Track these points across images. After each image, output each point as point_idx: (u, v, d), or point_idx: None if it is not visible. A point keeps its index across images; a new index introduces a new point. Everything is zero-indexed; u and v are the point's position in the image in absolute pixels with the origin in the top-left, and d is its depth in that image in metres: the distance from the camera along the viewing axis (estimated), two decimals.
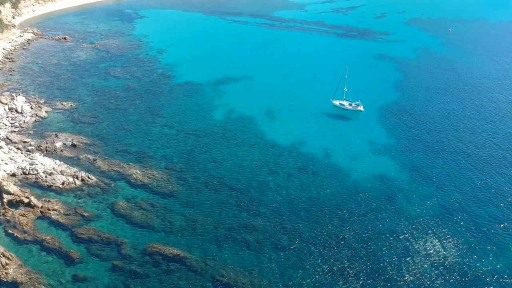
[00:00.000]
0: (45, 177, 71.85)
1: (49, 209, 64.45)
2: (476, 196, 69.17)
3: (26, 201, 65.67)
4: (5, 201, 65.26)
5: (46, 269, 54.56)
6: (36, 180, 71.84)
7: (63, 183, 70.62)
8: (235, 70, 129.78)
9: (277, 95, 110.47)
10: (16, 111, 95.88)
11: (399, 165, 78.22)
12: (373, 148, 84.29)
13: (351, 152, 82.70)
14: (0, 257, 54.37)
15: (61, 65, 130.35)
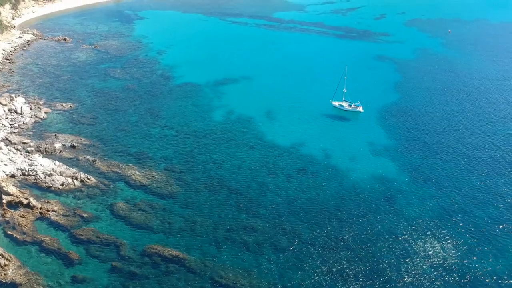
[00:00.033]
0: (45, 178, 71.85)
1: (48, 210, 64.42)
2: (475, 197, 69.17)
3: (25, 202, 65.65)
4: (4, 202, 65.24)
5: (45, 270, 54.48)
6: (35, 181, 71.83)
7: (62, 184, 70.60)
8: (235, 71, 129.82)
9: (276, 96, 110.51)
10: (15, 112, 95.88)
11: (399, 166, 78.22)
12: (373, 149, 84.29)
13: (351, 153, 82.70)
14: None
15: (61, 66, 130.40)
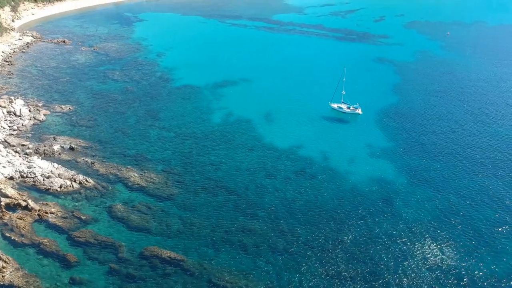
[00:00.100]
0: (43, 180, 71.83)
1: (47, 212, 64.35)
2: (473, 199, 69.11)
3: (23, 204, 65.59)
4: (2, 204, 65.14)
5: (43, 272, 54.38)
6: (34, 183, 71.81)
7: (60, 186, 70.59)
8: (234, 73, 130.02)
9: (275, 98, 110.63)
10: (14, 114, 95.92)
11: (397, 168, 78.22)
12: (371, 151, 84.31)
13: (349, 155, 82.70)
14: None
15: (60, 68, 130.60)
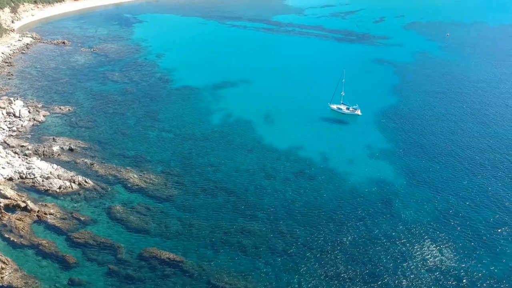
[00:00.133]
0: (42, 181, 71.81)
1: (46, 213, 64.35)
2: (472, 200, 69.10)
3: (22, 205, 65.59)
4: (1, 205, 65.10)
5: (42, 273, 54.37)
6: (33, 184, 71.80)
7: (60, 187, 70.58)
8: (234, 74, 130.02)
9: (275, 99, 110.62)
10: (14, 115, 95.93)
11: (396, 169, 78.20)
12: (370, 152, 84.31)
13: (348, 156, 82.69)
14: None
15: (60, 69, 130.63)
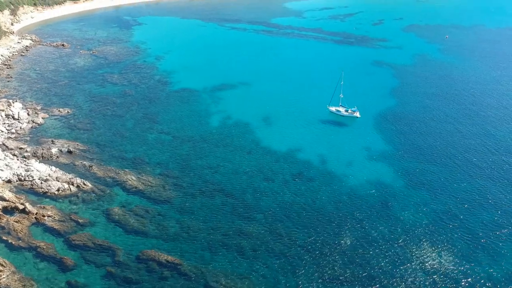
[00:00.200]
0: (41, 183, 71.79)
1: (44, 216, 64.32)
2: (470, 202, 69.11)
3: (21, 207, 65.54)
4: (0, 207, 65.11)
5: (39, 275, 54.31)
6: (31, 186, 71.77)
7: (58, 190, 70.56)
8: (233, 76, 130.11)
9: (274, 102, 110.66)
10: (12, 117, 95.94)
11: (395, 171, 78.24)
12: (369, 154, 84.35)
13: (347, 158, 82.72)
14: None
15: (59, 72, 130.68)
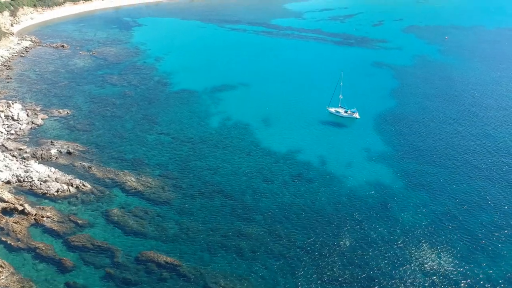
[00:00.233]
0: (40, 184, 71.75)
1: (43, 217, 64.24)
2: (469, 203, 69.02)
3: (20, 208, 65.47)
4: None
5: (38, 277, 54.16)
6: (30, 187, 71.70)
7: (57, 191, 70.49)
8: (233, 77, 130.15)
9: (273, 103, 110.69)
10: (12, 118, 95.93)
11: (394, 172, 78.19)
12: (368, 155, 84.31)
13: (346, 159, 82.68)
14: None
15: (58, 73, 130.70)
